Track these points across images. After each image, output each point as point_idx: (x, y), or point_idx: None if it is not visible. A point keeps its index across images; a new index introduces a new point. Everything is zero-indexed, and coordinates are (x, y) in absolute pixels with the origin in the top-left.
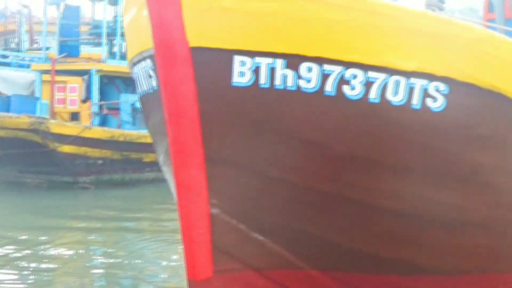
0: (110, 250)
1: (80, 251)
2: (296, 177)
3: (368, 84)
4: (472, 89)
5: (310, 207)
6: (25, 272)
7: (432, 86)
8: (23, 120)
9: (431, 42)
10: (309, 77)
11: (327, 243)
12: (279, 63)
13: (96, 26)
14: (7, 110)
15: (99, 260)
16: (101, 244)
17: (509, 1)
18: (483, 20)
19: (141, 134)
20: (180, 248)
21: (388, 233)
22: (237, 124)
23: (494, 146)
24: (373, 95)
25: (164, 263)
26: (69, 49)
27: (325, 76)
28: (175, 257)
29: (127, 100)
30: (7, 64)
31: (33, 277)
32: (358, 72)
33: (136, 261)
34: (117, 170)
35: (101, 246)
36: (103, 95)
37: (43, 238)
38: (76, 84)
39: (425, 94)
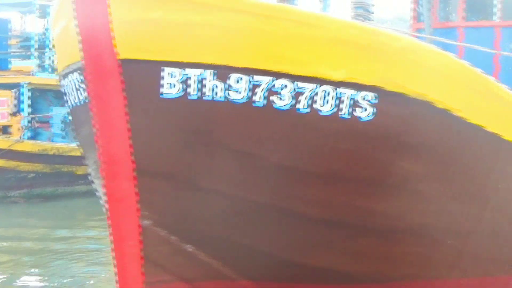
0: (39, 271)
1: (6, 275)
2: (226, 188)
3: (297, 95)
4: (400, 98)
5: (241, 217)
6: None
7: (360, 96)
8: None
9: (359, 52)
10: (238, 88)
11: (258, 253)
12: (209, 74)
13: (26, 38)
14: None
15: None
16: (30, 265)
17: (436, 11)
18: (411, 29)
19: (73, 147)
20: (112, 264)
21: (318, 242)
22: (167, 136)
23: (423, 154)
24: (302, 105)
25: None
26: None
27: (254, 87)
28: (107, 274)
29: (58, 113)
30: None
31: None
32: (287, 83)
33: (65, 280)
34: (48, 183)
35: (30, 267)
36: (34, 108)
37: None
38: (5, 97)
39: (354, 103)
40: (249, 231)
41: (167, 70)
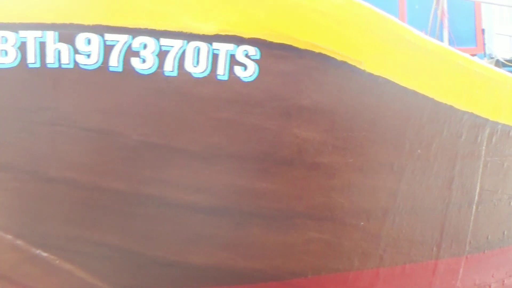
0: None
1: None
2: (82, 176)
3: (161, 54)
4: (289, 51)
5: (103, 212)
6: None
7: (240, 51)
8: None
9: None
10: (88, 51)
11: (127, 255)
12: (50, 36)
13: None
14: None
15: None
16: None
17: None
18: None
19: None
20: None
21: (199, 235)
22: (2, 115)
23: (321, 119)
24: (169, 67)
25: None
26: None
27: (108, 48)
28: None
29: None
30: None
31: None
32: (149, 40)
33: None
34: None
35: None
36: None
37: None
38: None
39: (232, 61)
40: (114, 228)
41: None
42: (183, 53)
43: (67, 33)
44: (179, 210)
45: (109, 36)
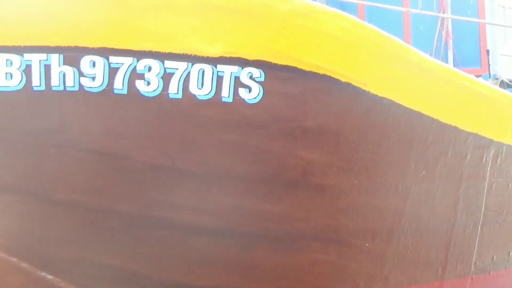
0: None
1: None
2: (87, 199)
3: (166, 77)
4: (293, 73)
5: (108, 234)
6: None
7: (244, 73)
8: None
9: (238, 19)
10: (93, 74)
11: (133, 276)
12: (55, 58)
13: None
14: None
15: None
16: None
17: None
18: None
19: None
20: None
21: (204, 258)
22: (7, 139)
23: (326, 140)
24: (174, 89)
25: None
26: None
27: (112, 71)
28: None
29: None
30: None
31: None
32: (153, 63)
33: None
34: None
35: None
36: None
37: None
38: None
39: (237, 83)
40: (119, 250)
41: (1, 57)
42: (188, 75)
43: (72, 55)
44: (185, 232)
45: (113, 59)
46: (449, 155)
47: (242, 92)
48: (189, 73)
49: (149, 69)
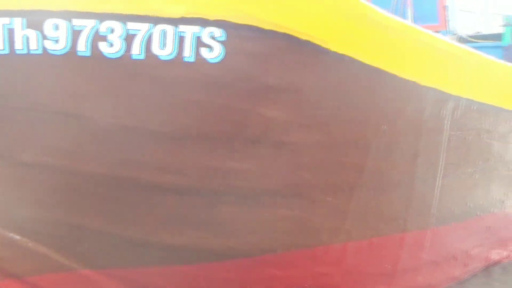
0: None
1: None
2: (55, 160)
3: (129, 38)
4: (254, 32)
5: (73, 194)
6: None
7: (206, 33)
8: None
9: None
10: (56, 36)
11: (101, 236)
12: (18, 22)
13: None
14: None
15: None
16: None
17: None
18: None
19: None
20: None
21: (172, 216)
22: None
23: (287, 97)
24: (137, 50)
25: None
26: None
27: (76, 33)
28: None
29: None
30: None
31: None
32: (116, 25)
33: None
34: None
35: None
36: None
37: None
38: None
39: (199, 43)
40: (85, 210)
41: None
42: (150, 36)
43: (35, 19)
44: (151, 191)
45: (76, 22)
46: (408, 110)
47: (204, 51)
48: (151, 34)
49: (112, 30)
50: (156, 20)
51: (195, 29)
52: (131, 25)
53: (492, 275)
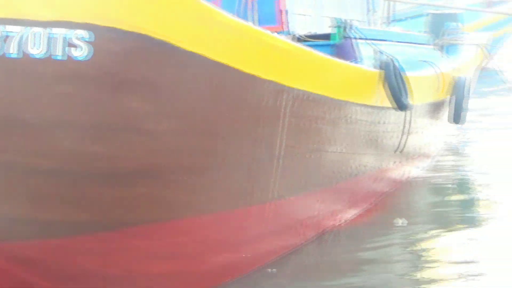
0: None
1: None
2: None
3: (8, 39)
4: (117, 34)
5: None
6: None
7: (75, 35)
8: None
9: None
10: None
11: None
12: None
13: None
14: None
15: None
16: None
17: None
18: None
19: None
20: None
21: (46, 194)
22: None
23: (144, 90)
24: (13, 50)
25: None
26: None
27: None
28: None
29: None
30: None
31: None
32: None
33: None
34: None
35: None
36: None
37: None
38: None
39: (69, 44)
40: None
41: None
42: (26, 37)
43: None
44: (26, 173)
45: None
46: (249, 99)
47: (73, 51)
48: (27, 36)
49: None
50: (31, 23)
51: (64, 31)
52: (9, 28)
53: (324, 242)
